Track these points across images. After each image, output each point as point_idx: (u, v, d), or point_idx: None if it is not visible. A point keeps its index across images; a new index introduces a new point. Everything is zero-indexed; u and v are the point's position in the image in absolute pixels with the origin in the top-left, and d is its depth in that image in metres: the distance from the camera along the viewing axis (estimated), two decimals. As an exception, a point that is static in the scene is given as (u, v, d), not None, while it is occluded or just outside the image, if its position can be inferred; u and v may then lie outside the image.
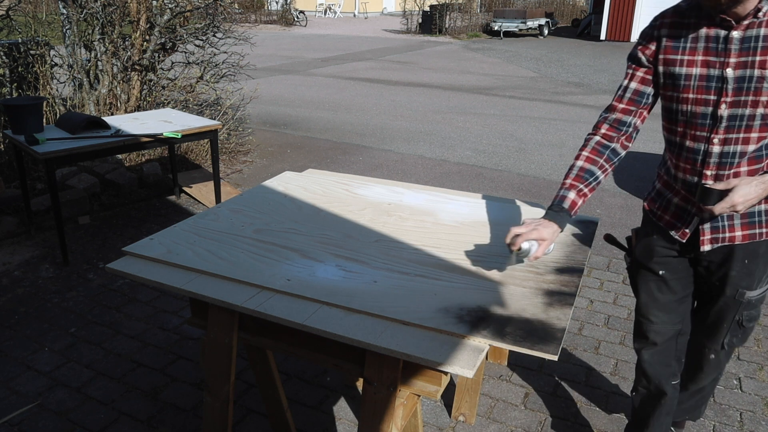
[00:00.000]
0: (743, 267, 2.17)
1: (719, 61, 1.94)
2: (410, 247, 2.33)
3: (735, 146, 1.99)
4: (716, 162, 2.03)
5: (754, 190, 1.89)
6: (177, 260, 2.20)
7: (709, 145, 2.02)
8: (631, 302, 4.07)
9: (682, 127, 2.08)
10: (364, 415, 1.95)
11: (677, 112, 2.08)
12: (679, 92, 2.04)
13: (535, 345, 1.70)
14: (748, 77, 1.91)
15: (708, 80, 1.97)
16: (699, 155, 2.05)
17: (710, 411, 3.07)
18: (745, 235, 2.12)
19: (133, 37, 6.58)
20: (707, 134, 2.02)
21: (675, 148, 2.15)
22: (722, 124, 1.98)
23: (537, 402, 3.14)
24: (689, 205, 2.17)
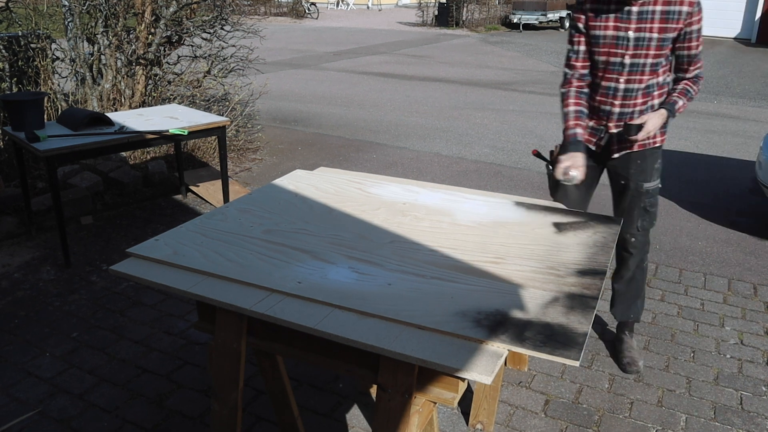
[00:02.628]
0: (638, 167, 3.13)
1: (624, 26, 2.87)
2: (426, 249, 2.31)
3: (634, 84, 2.95)
4: (622, 95, 2.99)
5: (659, 121, 2.92)
6: (183, 262, 2.19)
7: (617, 84, 2.98)
8: (655, 306, 3.99)
9: (601, 72, 3.01)
10: (377, 423, 1.93)
11: (597, 62, 2.99)
12: (599, 47, 2.95)
13: (556, 350, 1.68)
14: (642, 37, 2.86)
15: (617, 39, 2.90)
16: (610, 91, 3.00)
17: (738, 419, 2.99)
18: (639, 145, 3.10)
19: (137, 30, 6.52)
20: (616, 76, 2.97)
21: (594, 86, 3.06)
22: (626, 69, 2.94)
23: (558, 410, 3.07)
24: (601, 126, 3.12)
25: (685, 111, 10.29)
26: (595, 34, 2.94)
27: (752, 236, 5.10)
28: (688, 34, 2.88)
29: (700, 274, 4.44)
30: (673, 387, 3.22)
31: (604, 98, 3.03)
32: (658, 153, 3.15)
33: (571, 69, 3.07)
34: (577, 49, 3.03)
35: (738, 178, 6.60)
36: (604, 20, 2.89)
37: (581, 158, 2.89)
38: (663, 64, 2.96)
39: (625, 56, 2.90)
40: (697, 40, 2.91)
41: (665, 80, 3.02)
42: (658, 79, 2.98)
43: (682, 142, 7.97)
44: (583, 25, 2.97)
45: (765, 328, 3.76)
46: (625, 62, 2.91)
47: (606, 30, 2.90)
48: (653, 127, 2.90)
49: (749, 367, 3.40)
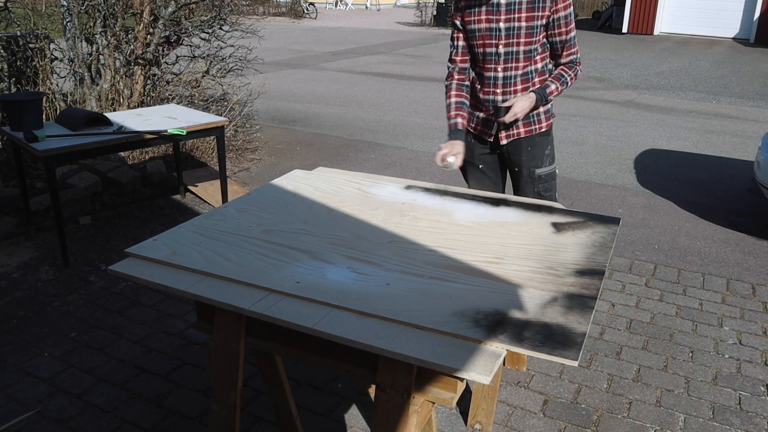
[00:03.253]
0: (528, 153, 3.26)
1: (495, 18, 3.03)
2: (425, 249, 2.31)
3: (511, 72, 3.11)
4: (501, 83, 3.14)
5: (526, 103, 3.04)
6: (182, 262, 2.19)
7: (495, 73, 3.13)
8: (654, 305, 3.98)
9: (481, 63, 3.16)
10: (376, 423, 1.94)
11: (477, 54, 3.16)
12: (476, 40, 3.11)
13: (555, 350, 1.68)
14: (512, 27, 3.01)
15: (490, 31, 3.06)
16: (491, 80, 3.15)
17: (736, 419, 3.00)
18: (526, 131, 3.23)
19: (136, 30, 6.51)
20: (494, 65, 3.12)
21: (479, 78, 3.22)
22: (501, 58, 3.09)
23: (556, 410, 3.07)
24: (491, 116, 3.23)
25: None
26: (470, 28, 3.10)
27: (751, 236, 5.10)
28: (556, 20, 3.02)
29: (698, 274, 4.44)
30: (671, 387, 3.22)
31: (487, 88, 3.18)
32: (548, 138, 3.29)
33: (452, 63, 3.26)
34: (456, 44, 3.21)
35: (736, 178, 6.60)
36: (477, 14, 3.06)
37: (459, 146, 3.11)
38: (539, 51, 3.09)
39: (498, 46, 3.06)
40: (566, 26, 3.04)
41: (545, 67, 3.16)
42: (536, 66, 3.12)
43: (680, 142, 7.97)
44: (460, 22, 3.15)
45: (763, 328, 3.76)
46: (500, 51, 3.07)
47: (479, 23, 3.06)
48: (520, 109, 3.02)
49: (748, 367, 3.40)
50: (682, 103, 10.47)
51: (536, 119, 3.23)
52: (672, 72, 13.71)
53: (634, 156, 7.35)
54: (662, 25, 21.65)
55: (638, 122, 9.08)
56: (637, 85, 12.13)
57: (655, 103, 10.46)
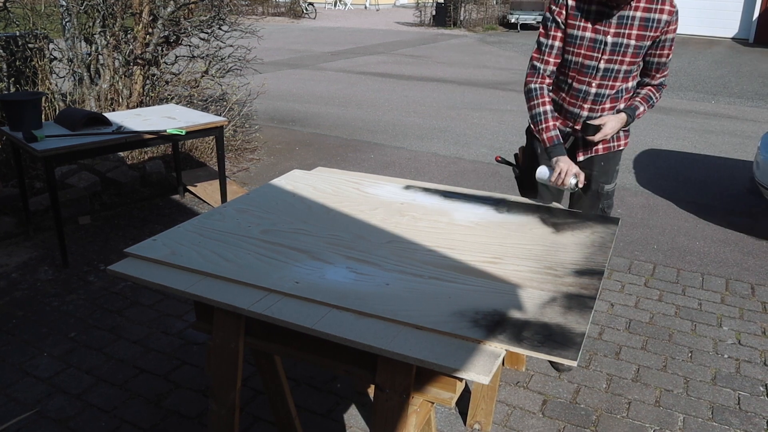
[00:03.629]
0: (600, 168, 3.15)
1: (603, 30, 2.82)
2: (424, 249, 2.31)
3: (604, 90, 2.93)
4: (592, 99, 2.96)
5: (618, 125, 2.94)
6: (181, 262, 2.19)
7: (588, 87, 2.94)
8: (653, 305, 3.99)
9: (573, 73, 2.95)
10: (375, 424, 1.93)
11: (571, 62, 2.93)
12: (575, 48, 2.89)
13: (554, 350, 1.68)
14: (619, 43, 2.82)
15: (594, 42, 2.85)
16: (581, 93, 2.97)
17: (735, 419, 3.00)
18: (604, 148, 3.11)
19: (135, 30, 6.50)
20: (588, 79, 2.93)
21: (565, 87, 3.02)
22: (599, 74, 2.90)
23: (555, 410, 3.07)
24: (567, 128, 3.09)
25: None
26: (572, 33, 2.88)
27: (750, 236, 5.10)
28: (663, 42, 2.85)
29: (697, 274, 4.44)
30: (670, 387, 3.22)
31: (574, 100, 3.00)
32: (620, 156, 3.20)
33: (543, 64, 2.97)
34: (551, 44, 2.94)
35: (736, 178, 6.60)
36: (584, 21, 2.83)
37: (572, 164, 2.82)
38: (634, 71, 2.94)
39: (600, 60, 2.86)
40: (670, 49, 2.89)
41: (633, 85, 3.01)
42: (628, 85, 2.97)
43: (679, 142, 7.97)
44: (562, 21, 2.88)
45: (763, 328, 3.76)
46: (600, 66, 2.87)
47: (584, 31, 2.84)
48: (611, 131, 2.91)
49: (747, 367, 3.40)
50: (681, 103, 10.47)
51: (616, 137, 3.10)
52: (671, 72, 13.71)
53: (633, 156, 7.35)
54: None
55: (637, 122, 9.02)
56: (636, 85, 12.12)
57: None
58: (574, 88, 2.97)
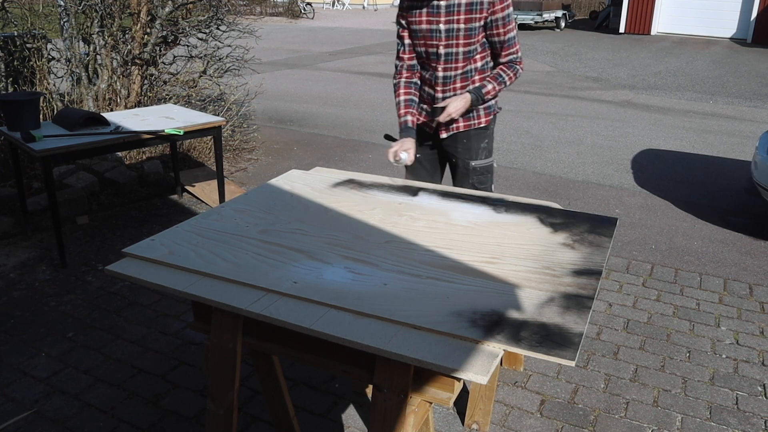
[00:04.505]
0: (464, 145, 3.38)
1: (435, 20, 3.11)
2: (422, 248, 2.31)
3: (450, 72, 3.21)
4: (442, 82, 3.24)
5: (460, 104, 3.16)
6: (179, 262, 2.19)
7: (436, 72, 3.23)
8: (651, 305, 3.98)
9: (425, 62, 3.27)
10: (373, 423, 1.93)
11: (422, 53, 3.25)
12: (418, 40, 3.21)
13: (552, 350, 1.68)
14: (452, 29, 3.10)
15: (431, 32, 3.15)
16: (433, 78, 3.26)
17: (733, 419, 2.99)
18: (465, 125, 3.34)
19: (133, 30, 6.49)
20: (434, 65, 3.22)
21: (425, 74, 3.30)
22: (441, 58, 3.19)
23: (554, 410, 3.06)
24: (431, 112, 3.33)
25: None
26: (413, 29, 3.20)
27: (748, 236, 5.11)
28: (494, 21, 3.11)
29: (695, 274, 4.44)
30: (668, 387, 3.22)
31: (429, 85, 3.31)
32: (485, 133, 3.41)
33: (400, 60, 3.34)
34: (403, 42, 3.29)
35: (734, 178, 6.60)
36: (418, 15, 3.15)
37: (411, 143, 3.22)
38: (478, 50, 3.19)
39: (439, 47, 3.15)
40: (504, 27, 3.13)
41: (485, 65, 3.26)
42: (476, 65, 3.23)
43: (677, 142, 7.97)
44: (405, 21, 3.23)
45: (761, 328, 3.76)
46: (440, 52, 3.16)
47: (420, 24, 3.15)
48: (454, 110, 3.16)
49: (745, 367, 3.40)
50: (679, 103, 10.48)
51: (476, 115, 3.33)
52: (669, 72, 13.72)
53: (632, 156, 7.35)
54: (659, 25, 21.67)
55: (635, 122, 9.08)
56: (634, 85, 12.13)
57: (653, 103, 10.46)
58: (427, 75, 3.29)
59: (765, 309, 3.98)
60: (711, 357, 3.48)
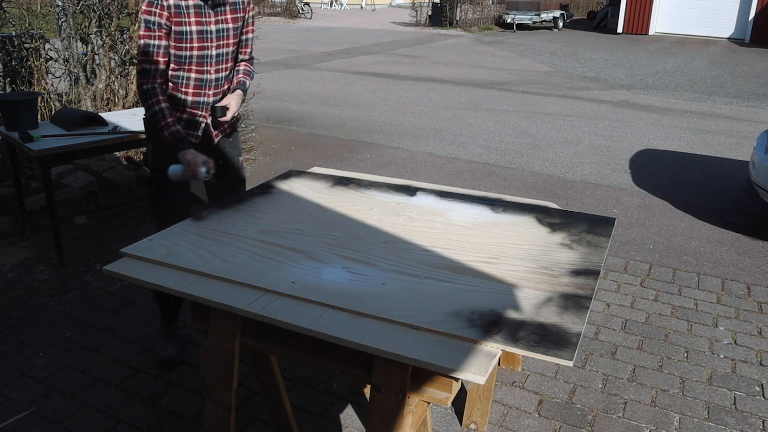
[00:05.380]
0: (231, 144, 3.38)
1: (205, 21, 3.01)
2: (420, 249, 2.31)
3: (221, 73, 3.16)
4: (214, 85, 3.15)
5: (239, 101, 3.22)
6: (177, 262, 2.19)
7: (209, 75, 3.11)
8: (649, 305, 3.98)
9: (193, 66, 3.06)
10: (371, 423, 1.93)
11: (188, 57, 3.03)
12: (189, 42, 3.00)
13: (550, 350, 1.68)
14: (222, 29, 3.07)
15: (202, 33, 3.02)
16: (204, 83, 3.11)
17: (731, 419, 2.99)
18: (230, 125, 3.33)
19: (131, 30, 6.49)
20: (207, 68, 3.09)
21: (185, 81, 3.09)
22: (214, 60, 3.10)
23: (551, 410, 3.06)
24: (197, 117, 3.17)
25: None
26: (181, 30, 2.98)
27: (746, 236, 5.11)
28: (247, 20, 3.21)
29: (693, 274, 4.44)
30: (666, 387, 3.22)
31: (199, 90, 3.13)
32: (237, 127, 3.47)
33: (153, 65, 3.00)
34: (159, 44, 2.97)
35: (732, 178, 6.61)
36: (187, 16, 2.97)
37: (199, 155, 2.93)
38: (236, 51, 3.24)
39: (211, 48, 3.07)
40: (252, 25, 3.26)
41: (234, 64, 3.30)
42: (233, 64, 3.26)
43: (675, 142, 7.98)
44: (165, 21, 2.95)
45: (758, 328, 3.76)
46: (213, 54, 3.08)
47: (191, 25, 2.98)
48: (236, 107, 3.19)
49: (743, 367, 3.40)
50: (677, 103, 10.48)
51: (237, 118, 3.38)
52: (667, 72, 13.73)
53: (630, 156, 7.36)
54: (657, 25, 21.69)
55: (633, 122, 9.09)
56: (632, 85, 12.14)
57: (651, 103, 10.47)
58: (197, 80, 3.10)
59: (763, 309, 3.98)
60: (709, 357, 3.48)
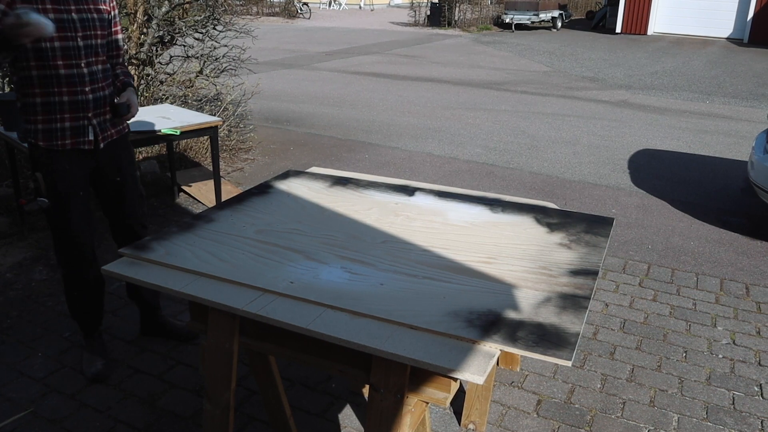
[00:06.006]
0: (127, 156, 3.11)
1: (65, 8, 2.75)
2: (418, 249, 2.31)
3: (94, 67, 2.87)
4: (89, 80, 2.84)
5: (135, 98, 2.99)
6: (175, 262, 2.18)
7: (80, 69, 2.82)
8: (647, 305, 3.98)
9: (59, 61, 2.76)
10: (370, 423, 1.93)
11: (50, 49, 2.72)
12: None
13: (548, 350, 1.68)
14: (87, 18, 2.81)
15: (62, 22, 2.73)
16: (76, 78, 2.81)
17: (730, 419, 3.00)
18: (117, 131, 3.05)
19: (129, 30, 6.48)
20: (75, 61, 2.80)
21: (54, 80, 2.77)
22: (82, 52, 2.81)
23: (550, 410, 3.06)
24: (80, 120, 2.87)
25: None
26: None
27: (744, 236, 5.11)
28: (114, 18, 3.01)
29: (692, 274, 4.45)
30: (665, 387, 3.22)
31: (74, 88, 2.83)
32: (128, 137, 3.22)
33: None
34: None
35: (730, 177, 6.61)
36: (42, 3, 2.69)
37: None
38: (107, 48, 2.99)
39: (77, 39, 2.79)
40: (119, 25, 3.05)
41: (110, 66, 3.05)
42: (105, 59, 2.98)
43: (674, 142, 7.98)
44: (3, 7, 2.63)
45: (757, 328, 3.76)
46: (80, 44, 2.80)
47: (48, 13, 2.69)
48: (136, 103, 3.00)
49: (741, 367, 3.40)
50: (675, 103, 10.49)
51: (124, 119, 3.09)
52: (665, 72, 13.74)
53: (628, 156, 7.36)
54: (656, 25, 21.71)
55: (632, 122, 9.09)
56: (630, 85, 12.15)
57: (649, 103, 10.47)
58: (67, 76, 2.81)
59: (761, 309, 3.98)
60: (707, 357, 3.48)
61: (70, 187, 2.94)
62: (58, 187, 2.90)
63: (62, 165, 2.90)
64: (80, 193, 2.98)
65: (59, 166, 2.89)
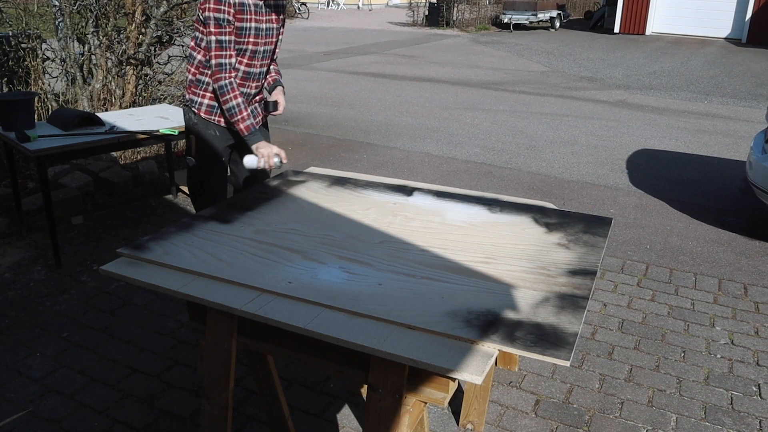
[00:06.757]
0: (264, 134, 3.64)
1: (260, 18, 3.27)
2: (416, 249, 2.31)
3: (264, 68, 3.49)
4: (256, 78, 3.45)
5: (283, 97, 3.58)
6: (174, 262, 2.18)
7: (255, 69, 3.41)
8: (646, 305, 3.99)
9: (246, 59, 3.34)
10: (368, 423, 1.93)
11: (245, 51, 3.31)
12: (248, 38, 3.28)
13: (547, 350, 1.68)
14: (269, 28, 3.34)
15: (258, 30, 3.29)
16: (251, 75, 3.41)
17: (728, 419, 3.00)
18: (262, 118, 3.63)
19: (128, 30, 6.48)
20: (257, 62, 3.40)
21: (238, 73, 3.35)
22: (260, 56, 3.39)
23: (548, 410, 3.06)
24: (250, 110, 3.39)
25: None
26: (242, 26, 3.25)
27: (743, 236, 5.12)
28: (283, 23, 3.53)
29: (690, 274, 4.45)
30: (663, 387, 3.23)
31: (245, 82, 3.42)
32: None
33: (229, 59, 3.26)
34: (230, 39, 3.24)
35: (728, 177, 6.62)
36: (249, 13, 3.24)
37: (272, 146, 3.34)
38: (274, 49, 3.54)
39: (261, 44, 3.36)
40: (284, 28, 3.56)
41: None
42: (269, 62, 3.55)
43: (672, 142, 7.99)
44: (232, 18, 3.21)
45: (755, 328, 3.77)
46: (260, 50, 3.38)
47: (250, 22, 3.26)
48: (284, 102, 3.59)
49: (740, 367, 3.41)
50: (674, 103, 10.50)
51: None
52: (664, 72, 13.75)
53: (626, 156, 7.37)
54: (654, 25, 21.72)
55: (630, 122, 9.10)
56: (629, 85, 12.15)
57: (647, 103, 10.48)
58: (245, 72, 3.39)
59: (760, 309, 3.99)
60: (706, 357, 3.49)
61: (215, 153, 3.51)
62: (205, 150, 3.47)
63: (212, 133, 3.47)
64: (222, 159, 3.54)
65: (210, 134, 3.47)
